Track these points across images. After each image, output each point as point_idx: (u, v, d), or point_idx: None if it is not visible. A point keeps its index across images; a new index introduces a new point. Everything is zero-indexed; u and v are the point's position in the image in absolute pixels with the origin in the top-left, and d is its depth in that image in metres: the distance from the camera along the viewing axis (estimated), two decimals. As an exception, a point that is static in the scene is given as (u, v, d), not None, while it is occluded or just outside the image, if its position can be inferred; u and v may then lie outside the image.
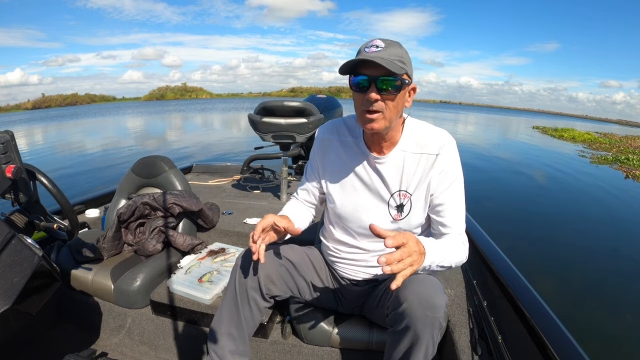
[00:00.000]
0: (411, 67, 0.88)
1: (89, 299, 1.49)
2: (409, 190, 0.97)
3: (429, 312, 0.83)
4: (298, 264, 1.11)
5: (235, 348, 1.03)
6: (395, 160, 0.97)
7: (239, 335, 1.03)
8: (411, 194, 0.97)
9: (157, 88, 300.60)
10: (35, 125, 26.86)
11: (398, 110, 0.89)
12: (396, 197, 0.98)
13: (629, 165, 10.67)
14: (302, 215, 1.14)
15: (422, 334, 0.84)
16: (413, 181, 0.97)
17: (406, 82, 0.86)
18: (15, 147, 0.99)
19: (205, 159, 8.96)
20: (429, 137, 0.96)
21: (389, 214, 0.99)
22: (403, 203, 0.98)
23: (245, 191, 2.65)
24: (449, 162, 0.95)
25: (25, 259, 0.88)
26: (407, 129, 0.98)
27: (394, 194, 0.98)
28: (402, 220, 0.99)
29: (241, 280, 1.02)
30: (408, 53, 0.88)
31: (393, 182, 0.98)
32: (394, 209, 0.99)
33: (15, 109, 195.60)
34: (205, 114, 36.93)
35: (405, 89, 0.88)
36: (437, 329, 0.85)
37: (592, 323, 2.69)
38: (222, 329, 1.02)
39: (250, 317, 1.04)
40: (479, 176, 7.76)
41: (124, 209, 1.64)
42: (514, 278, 1.30)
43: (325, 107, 3.05)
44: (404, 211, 0.99)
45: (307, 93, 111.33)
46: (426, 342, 0.85)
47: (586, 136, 20.89)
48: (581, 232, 4.86)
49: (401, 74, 0.83)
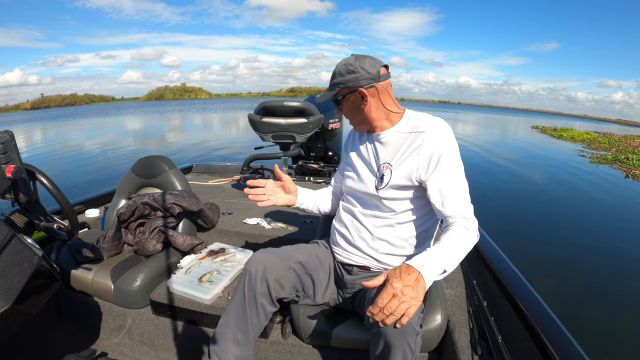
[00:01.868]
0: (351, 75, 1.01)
1: (89, 299, 1.49)
2: (392, 163, 1.05)
3: None
4: (306, 263, 1.14)
5: (240, 353, 1.03)
6: (387, 137, 1.07)
7: (244, 341, 1.03)
8: (392, 165, 1.04)
9: (156, 88, 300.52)
10: (35, 125, 26.85)
11: (361, 113, 1.06)
12: (381, 169, 1.07)
13: (629, 165, 10.68)
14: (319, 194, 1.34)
15: (394, 340, 0.85)
16: (397, 155, 1.04)
17: (339, 98, 1.06)
18: (15, 147, 0.98)
19: (205, 159, 8.96)
20: (422, 119, 1.04)
21: (374, 184, 1.08)
22: (384, 174, 1.06)
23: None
24: (437, 141, 0.98)
25: (25, 259, 0.88)
26: (406, 116, 1.07)
27: (381, 165, 1.07)
28: (382, 189, 1.05)
29: (250, 286, 1.02)
30: (358, 60, 1.02)
31: (382, 156, 1.08)
32: (378, 179, 1.07)
33: (14, 109, 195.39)
34: (205, 114, 36.92)
35: (349, 98, 1.05)
36: (412, 334, 0.85)
37: (592, 323, 2.70)
38: (227, 334, 1.02)
39: (257, 322, 1.04)
40: (479, 176, 7.76)
41: (124, 209, 1.64)
42: (514, 278, 1.30)
43: (325, 107, 3.04)
44: (383, 181, 1.05)
45: (306, 93, 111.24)
46: (402, 347, 0.85)
47: (585, 136, 20.90)
48: (581, 232, 4.87)
49: (336, 91, 1.05)
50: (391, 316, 0.75)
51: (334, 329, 1.18)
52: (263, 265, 1.03)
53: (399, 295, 0.76)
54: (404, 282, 0.77)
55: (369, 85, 1.01)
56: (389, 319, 0.75)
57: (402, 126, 1.06)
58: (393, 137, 1.06)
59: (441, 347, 1.21)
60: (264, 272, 1.02)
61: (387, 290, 0.77)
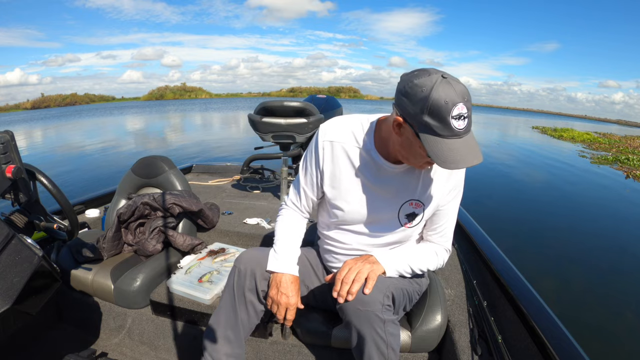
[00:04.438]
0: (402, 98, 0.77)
1: (89, 299, 1.49)
2: (422, 200, 0.96)
3: (359, 307, 0.86)
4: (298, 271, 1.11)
5: (232, 351, 1.02)
6: (411, 168, 0.93)
7: (235, 338, 1.03)
8: (424, 203, 0.97)
9: (157, 88, 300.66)
10: (35, 125, 26.85)
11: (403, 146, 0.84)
12: (408, 206, 0.97)
13: (629, 166, 10.68)
14: (301, 238, 1.09)
15: (362, 329, 0.87)
16: (428, 192, 0.96)
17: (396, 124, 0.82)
18: (15, 147, 0.98)
19: (205, 159, 8.95)
20: None
21: (399, 221, 0.98)
22: (416, 212, 0.98)
23: (245, 191, 2.65)
24: (461, 177, 0.98)
25: (25, 259, 0.88)
26: None
27: (407, 201, 0.96)
28: (411, 228, 1.00)
29: (239, 282, 1.02)
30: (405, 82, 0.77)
31: (407, 191, 0.96)
32: (404, 217, 0.98)
33: (14, 108, 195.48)
34: (205, 114, 36.92)
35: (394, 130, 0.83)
36: (377, 322, 0.86)
37: (592, 323, 2.69)
38: (218, 331, 1.02)
39: (247, 319, 1.04)
40: (479, 176, 7.76)
41: (124, 209, 1.64)
42: (514, 278, 1.30)
43: (325, 107, 3.04)
44: (415, 220, 0.99)
45: (306, 93, 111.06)
46: (371, 336, 0.86)
47: (585, 136, 20.90)
48: (581, 232, 4.87)
49: None
50: (355, 283, 0.86)
51: (334, 329, 1.18)
52: (252, 262, 1.02)
53: (352, 266, 0.91)
54: (355, 259, 0.94)
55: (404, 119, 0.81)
56: (353, 286, 0.86)
57: None
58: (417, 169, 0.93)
59: (441, 347, 1.21)
60: (253, 269, 1.01)
61: (342, 268, 0.92)
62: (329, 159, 0.98)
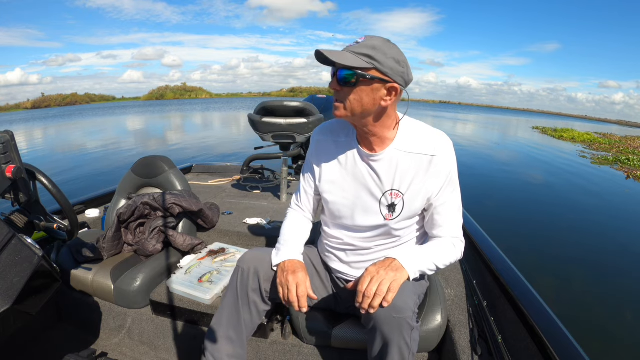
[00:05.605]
0: (397, 67, 0.84)
1: (89, 299, 1.49)
2: (402, 190, 0.95)
3: (394, 314, 0.84)
4: None
5: (233, 351, 1.02)
6: (389, 158, 0.95)
7: (237, 338, 1.02)
8: (403, 193, 0.95)
9: (157, 88, 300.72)
10: (35, 125, 26.86)
11: (363, 105, 0.86)
12: (388, 196, 0.96)
13: (630, 166, 10.68)
14: (305, 236, 1.13)
15: (390, 336, 0.85)
16: (405, 181, 0.94)
17: (368, 77, 0.82)
18: (15, 147, 0.99)
19: (205, 159, 8.96)
20: (425, 137, 0.94)
21: (380, 213, 0.98)
22: (395, 203, 0.96)
23: (245, 191, 2.65)
24: (445, 164, 0.94)
25: (25, 259, 0.88)
26: (403, 129, 0.95)
27: (386, 192, 0.96)
28: (393, 220, 0.98)
29: (243, 282, 1.01)
30: (401, 53, 0.85)
31: (386, 181, 0.96)
32: (385, 208, 0.97)
33: (14, 108, 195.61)
34: (205, 114, 36.93)
35: (371, 85, 0.84)
36: (407, 329, 0.85)
37: (592, 323, 2.70)
38: (220, 331, 1.02)
39: (250, 320, 1.03)
40: (479, 176, 7.76)
41: (124, 209, 1.64)
42: (514, 278, 1.30)
43: (325, 107, 3.04)
44: (395, 211, 0.97)
45: (306, 93, 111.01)
46: (397, 343, 0.85)
47: (586, 136, 20.90)
48: (581, 232, 4.87)
49: (362, 67, 0.82)
50: (376, 297, 0.82)
51: (334, 329, 1.18)
52: (255, 262, 1.02)
53: (374, 276, 0.84)
54: (377, 266, 0.87)
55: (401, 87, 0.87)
56: (375, 300, 0.82)
57: (402, 143, 0.94)
58: (394, 157, 0.94)
59: (441, 347, 1.21)
60: (257, 269, 1.01)
61: (363, 276, 0.86)
62: (318, 153, 1.06)
